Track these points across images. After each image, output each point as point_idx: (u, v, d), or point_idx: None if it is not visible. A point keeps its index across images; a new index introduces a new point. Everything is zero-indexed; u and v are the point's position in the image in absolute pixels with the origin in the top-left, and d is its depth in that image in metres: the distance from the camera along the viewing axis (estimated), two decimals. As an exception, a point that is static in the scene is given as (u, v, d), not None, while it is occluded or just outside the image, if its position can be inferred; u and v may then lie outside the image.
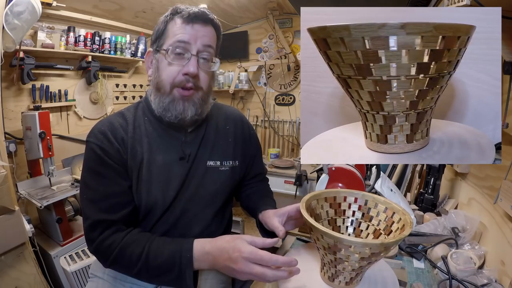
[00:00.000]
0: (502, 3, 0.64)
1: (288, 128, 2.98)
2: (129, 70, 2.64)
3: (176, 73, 0.71)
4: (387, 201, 0.67)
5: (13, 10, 1.39)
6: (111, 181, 0.71)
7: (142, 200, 0.75)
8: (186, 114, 0.74)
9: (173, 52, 0.70)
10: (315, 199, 0.69)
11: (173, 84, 0.72)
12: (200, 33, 0.71)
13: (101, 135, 0.72)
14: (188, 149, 0.79)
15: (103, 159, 0.71)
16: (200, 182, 0.80)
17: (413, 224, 0.57)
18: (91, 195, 0.71)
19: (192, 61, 0.70)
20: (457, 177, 1.18)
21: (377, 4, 0.73)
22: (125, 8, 2.17)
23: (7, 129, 1.70)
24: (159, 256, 0.65)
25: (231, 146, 0.86)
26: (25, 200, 1.67)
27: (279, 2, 2.60)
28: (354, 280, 0.61)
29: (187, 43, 0.70)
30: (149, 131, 0.78)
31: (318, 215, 0.69)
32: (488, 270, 0.73)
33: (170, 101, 0.73)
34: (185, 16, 0.70)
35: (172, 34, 0.70)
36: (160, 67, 0.73)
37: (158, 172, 0.76)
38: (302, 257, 0.75)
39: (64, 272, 1.63)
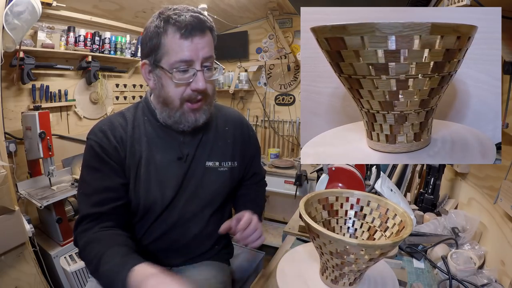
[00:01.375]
0: (502, 3, 0.64)
1: (288, 128, 2.98)
2: (129, 70, 2.64)
3: (183, 89, 0.71)
4: (380, 198, 0.67)
5: (13, 10, 1.39)
6: (106, 176, 0.73)
7: (141, 199, 0.76)
8: (198, 123, 0.76)
9: (177, 71, 0.68)
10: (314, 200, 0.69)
11: (183, 99, 0.72)
12: (200, 45, 0.68)
13: (100, 133, 0.74)
14: (186, 149, 0.80)
15: (101, 155, 0.73)
16: (199, 183, 0.80)
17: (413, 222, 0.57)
18: (86, 189, 0.74)
19: (199, 77, 0.69)
20: (457, 177, 1.18)
21: (377, 4, 0.73)
22: (125, 8, 2.17)
23: (7, 129, 1.70)
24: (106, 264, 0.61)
25: (230, 147, 0.86)
26: (25, 200, 1.67)
27: (279, 2, 2.60)
28: (358, 279, 0.61)
29: (189, 61, 0.68)
30: (148, 131, 0.79)
31: (313, 218, 0.68)
32: (488, 270, 0.73)
33: (181, 115, 0.74)
34: (183, 31, 0.65)
35: (172, 51, 0.67)
36: (164, 84, 0.71)
37: (156, 171, 0.77)
38: (301, 258, 0.75)
39: (64, 272, 1.63)
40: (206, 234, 0.83)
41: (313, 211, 0.68)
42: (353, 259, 0.53)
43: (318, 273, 0.67)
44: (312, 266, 0.70)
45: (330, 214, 0.71)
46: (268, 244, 2.50)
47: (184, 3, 0.78)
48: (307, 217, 0.58)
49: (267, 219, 2.88)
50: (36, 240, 1.53)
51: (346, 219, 0.71)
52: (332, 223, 0.71)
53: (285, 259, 0.75)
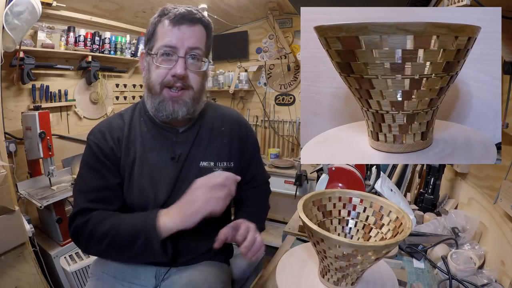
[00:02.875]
0: (502, 3, 0.64)
1: (288, 128, 2.98)
2: (129, 70, 2.64)
3: (164, 74, 0.72)
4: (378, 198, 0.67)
5: (13, 10, 1.39)
6: (102, 176, 0.75)
7: (134, 198, 0.77)
8: (177, 115, 0.75)
9: (160, 55, 0.71)
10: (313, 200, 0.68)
11: (162, 84, 0.73)
12: (187, 35, 0.71)
13: (99, 134, 0.77)
14: (179, 149, 0.80)
15: (98, 155, 0.75)
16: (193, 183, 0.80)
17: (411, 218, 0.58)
18: (83, 186, 0.76)
19: (179, 63, 0.71)
20: (457, 177, 1.18)
21: (377, 4, 0.73)
22: (125, 8, 2.17)
23: (7, 129, 1.70)
24: (127, 224, 0.68)
25: (226, 147, 0.85)
26: (25, 200, 1.67)
27: (279, 2, 2.60)
28: (359, 280, 0.61)
29: (173, 47, 0.71)
30: (144, 131, 0.80)
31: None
32: (488, 270, 0.73)
33: (160, 101, 0.75)
34: (171, 18, 0.70)
35: (161, 37, 0.71)
36: (150, 69, 0.74)
37: (149, 172, 0.77)
38: (301, 258, 0.75)
39: (64, 272, 1.63)
40: (204, 235, 0.82)
41: (309, 213, 0.68)
42: (360, 261, 0.53)
43: (317, 274, 0.67)
44: (312, 266, 0.70)
45: (325, 215, 0.71)
46: (268, 244, 2.50)
47: (184, 3, 0.78)
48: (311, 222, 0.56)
49: (267, 219, 2.88)
50: (36, 240, 1.53)
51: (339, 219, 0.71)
52: (326, 223, 0.71)
53: (285, 259, 0.74)
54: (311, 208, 0.68)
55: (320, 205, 0.69)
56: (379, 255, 0.53)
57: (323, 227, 0.70)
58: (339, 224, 0.70)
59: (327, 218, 0.70)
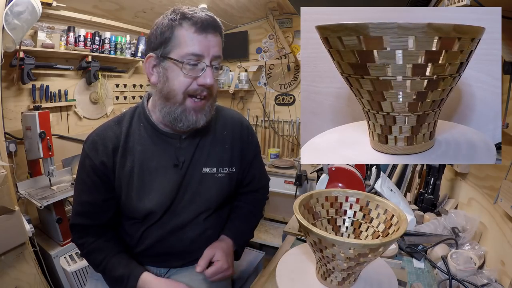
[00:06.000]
0: (502, 3, 0.64)
1: (288, 128, 2.97)
2: (129, 70, 2.64)
3: (189, 82, 0.69)
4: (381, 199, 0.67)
5: (13, 10, 1.39)
6: (88, 190, 0.77)
7: (134, 207, 0.76)
8: (198, 124, 0.74)
9: (188, 63, 0.68)
10: (315, 198, 0.69)
11: (186, 93, 0.70)
12: (212, 43, 0.69)
13: (91, 144, 0.76)
14: (182, 155, 0.78)
15: (86, 168, 0.76)
16: (196, 189, 0.79)
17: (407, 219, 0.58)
18: (75, 195, 0.80)
19: (208, 73, 0.69)
20: (457, 177, 1.18)
21: (377, 4, 0.73)
22: (125, 8, 2.17)
23: (7, 129, 1.70)
24: (113, 271, 0.75)
25: (228, 152, 0.84)
26: (25, 200, 1.67)
27: (279, 2, 2.60)
28: (352, 279, 0.61)
29: (200, 56, 0.68)
30: (144, 138, 0.77)
31: (317, 214, 0.69)
32: (488, 270, 0.73)
33: (182, 111, 0.72)
34: (198, 25, 0.66)
35: (184, 44, 0.67)
36: (170, 76, 0.69)
37: (151, 179, 0.76)
38: (301, 258, 0.75)
39: (64, 272, 1.63)
40: (204, 238, 0.82)
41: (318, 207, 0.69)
42: (343, 258, 0.53)
43: (314, 274, 0.67)
44: (311, 266, 0.70)
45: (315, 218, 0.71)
46: (268, 244, 2.51)
47: (184, 3, 0.78)
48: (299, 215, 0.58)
49: (267, 219, 2.88)
50: (36, 240, 1.53)
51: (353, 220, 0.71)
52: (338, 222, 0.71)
53: (285, 259, 0.74)
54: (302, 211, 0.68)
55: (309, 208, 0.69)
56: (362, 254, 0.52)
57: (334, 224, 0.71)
58: (328, 224, 0.71)
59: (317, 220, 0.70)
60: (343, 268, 0.57)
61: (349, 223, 0.70)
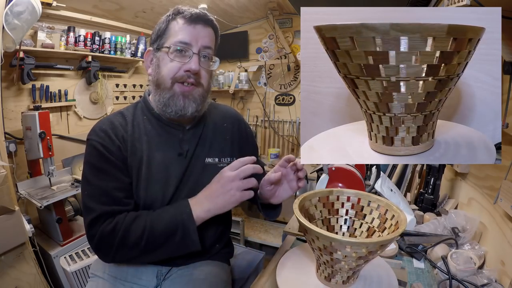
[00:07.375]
0: (502, 3, 0.64)
1: (288, 128, 2.98)
2: (129, 70, 2.64)
3: (177, 68, 0.73)
4: (380, 199, 0.67)
5: (13, 10, 1.39)
6: (113, 176, 0.73)
7: (141, 198, 0.76)
8: (186, 111, 0.75)
9: (174, 49, 0.72)
10: (308, 200, 0.69)
11: (174, 79, 0.73)
12: (201, 34, 0.74)
13: (102, 133, 0.74)
14: (186, 146, 0.80)
15: (105, 155, 0.72)
16: (198, 179, 0.80)
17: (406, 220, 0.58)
18: (92, 190, 0.72)
19: (193, 59, 0.72)
20: (457, 177, 1.18)
21: (377, 4, 0.73)
22: (125, 8, 2.17)
23: (7, 129, 1.70)
24: (162, 221, 0.69)
25: (229, 143, 0.87)
26: (25, 200, 1.67)
27: (279, 2, 2.60)
28: (351, 278, 0.61)
29: (188, 44, 0.72)
30: (148, 130, 0.79)
31: (311, 216, 0.69)
32: (488, 270, 0.73)
33: (171, 96, 0.74)
34: (187, 17, 0.72)
35: (174, 34, 0.73)
36: (161, 64, 0.74)
37: (157, 170, 0.77)
38: (301, 257, 0.75)
39: (64, 272, 1.63)
40: (206, 232, 0.83)
41: (312, 208, 0.69)
42: (342, 256, 0.54)
43: (314, 273, 0.67)
44: (311, 266, 0.70)
45: (330, 213, 0.71)
46: (268, 244, 2.51)
47: (184, 3, 0.79)
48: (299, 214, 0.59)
49: (266, 219, 2.88)
50: (36, 240, 1.53)
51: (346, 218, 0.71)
52: (332, 221, 0.71)
53: (285, 259, 0.75)
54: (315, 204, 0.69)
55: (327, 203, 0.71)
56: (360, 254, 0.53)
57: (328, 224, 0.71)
58: (323, 225, 0.71)
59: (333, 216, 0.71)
60: (351, 267, 0.57)
61: (350, 223, 0.71)
